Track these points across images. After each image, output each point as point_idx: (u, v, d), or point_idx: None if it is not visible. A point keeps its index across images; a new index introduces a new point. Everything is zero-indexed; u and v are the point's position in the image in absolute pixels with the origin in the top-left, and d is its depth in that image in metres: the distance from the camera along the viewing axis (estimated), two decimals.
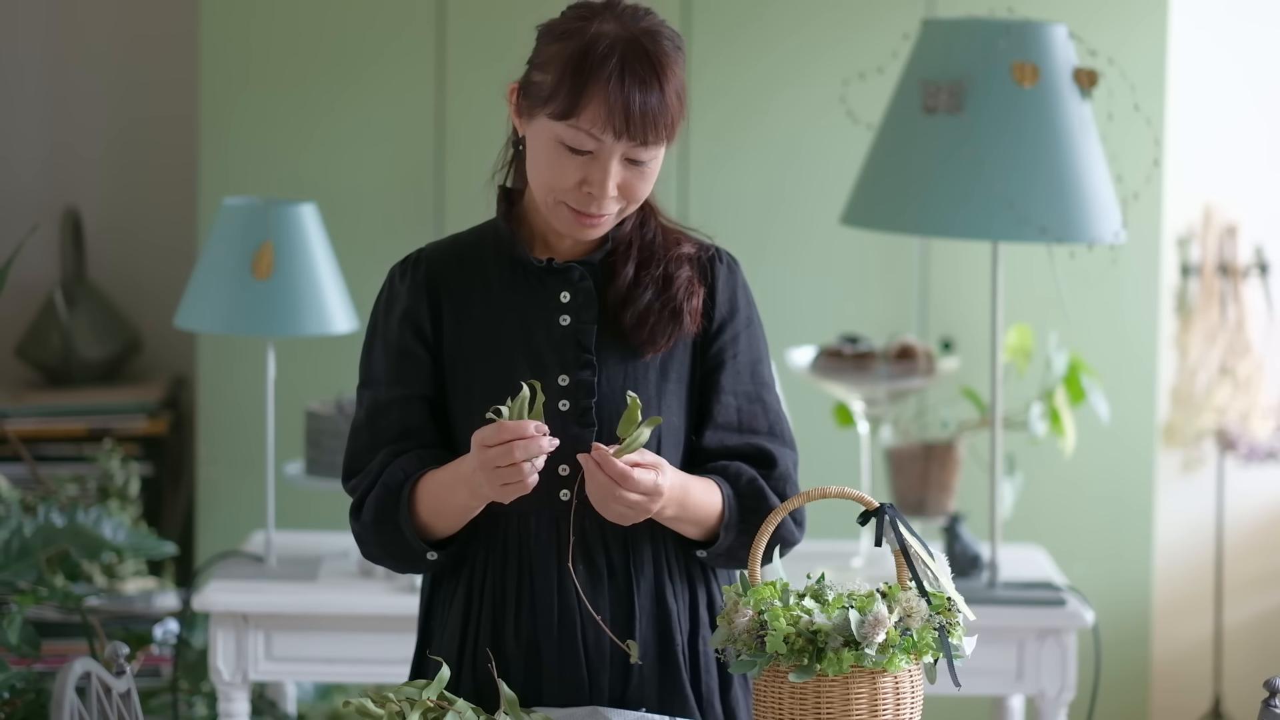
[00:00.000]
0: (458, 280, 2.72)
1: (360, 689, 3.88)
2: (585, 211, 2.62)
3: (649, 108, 2.57)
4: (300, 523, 4.69)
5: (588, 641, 2.67)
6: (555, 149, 2.60)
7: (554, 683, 2.66)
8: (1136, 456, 4.89)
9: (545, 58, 2.62)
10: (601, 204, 2.61)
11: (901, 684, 2.49)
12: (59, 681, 2.50)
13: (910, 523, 2.59)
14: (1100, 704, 4.55)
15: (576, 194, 2.61)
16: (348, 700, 2.59)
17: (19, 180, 5.33)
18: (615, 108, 2.56)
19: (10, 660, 3.98)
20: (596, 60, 2.57)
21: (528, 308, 2.69)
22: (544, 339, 2.68)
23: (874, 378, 4.16)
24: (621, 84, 2.56)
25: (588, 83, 2.56)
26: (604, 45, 2.57)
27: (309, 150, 4.87)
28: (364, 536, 2.71)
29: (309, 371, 4.82)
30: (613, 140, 2.58)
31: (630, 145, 2.59)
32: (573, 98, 2.57)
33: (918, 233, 4.07)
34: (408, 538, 2.66)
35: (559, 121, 2.58)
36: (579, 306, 2.69)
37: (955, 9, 4.77)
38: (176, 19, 5.27)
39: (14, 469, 4.79)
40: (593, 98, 2.56)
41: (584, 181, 2.60)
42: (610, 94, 2.56)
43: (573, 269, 2.69)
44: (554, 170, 2.61)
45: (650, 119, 2.58)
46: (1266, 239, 5.31)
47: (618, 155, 2.59)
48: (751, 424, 2.75)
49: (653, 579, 2.70)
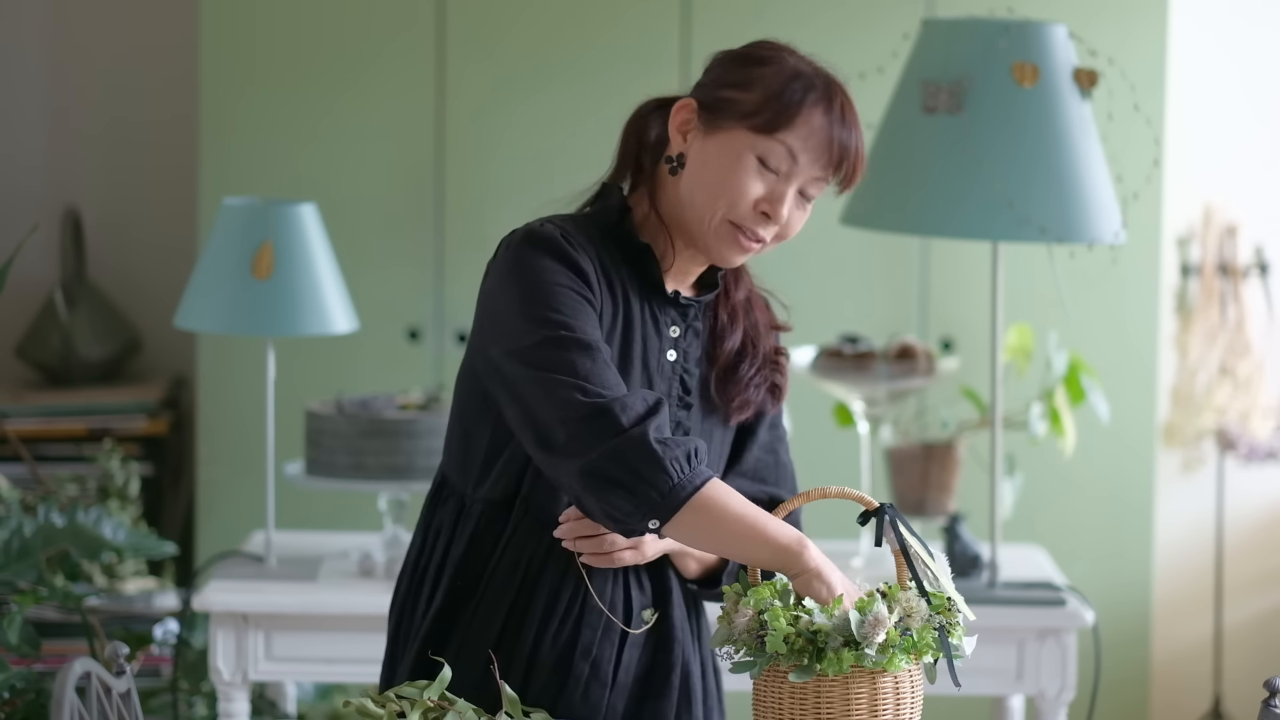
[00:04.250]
0: (599, 268, 2.65)
1: (360, 689, 3.88)
2: (751, 232, 2.62)
3: (850, 144, 2.63)
4: (300, 523, 4.69)
5: (619, 665, 2.68)
6: (746, 163, 2.60)
7: (573, 700, 2.67)
8: (1136, 456, 4.89)
9: (744, 78, 2.63)
10: (769, 228, 2.63)
11: (901, 684, 2.49)
12: (59, 681, 2.50)
13: (910, 523, 2.59)
14: (1100, 704, 4.55)
15: (751, 213, 2.62)
16: (348, 700, 2.58)
17: (19, 180, 5.33)
18: (824, 133, 2.60)
19: (10, 660, 3.98)
20: (809, 86, 2.61)
21: (648, 328, 2.68)
22: (656, 369, 2.68)
23: (874, 378, 4.16)
24: (831, 113, 2.61)
25: (803, 103, 2.60)
26: (811, 75, 2.62)
27: (309, 150, 4.87)
28: (635, 450, 2.48)
29: (309, 371, 4.82)
30: (808, 163, 2.61)
31: (815, 176, 2.62)
32: (787, 113, 2.59)
33: (918, 233, 4.07)
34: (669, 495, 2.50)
35: (762, 135, 2.59)
36: (686, 346, 2.70)
37: (955, 9, 4.77)
38: (177, 19, 5.27)
39: (14, 469, 4.79)
40: (806, 120, 2.60)
41: (764, 200, 2.61)
42: (823, 119, 2.60)
43: (690, 307, 2.70)
44: (738, 185, 2.61)
45: (850, 154, 2.63)
46: (1266, 239, 5.31)
47: (800, 182, 2.62)
48: (763, 474, 2.80)
49: (681, 603, 2.74)
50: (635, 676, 2.70)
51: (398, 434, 3.97)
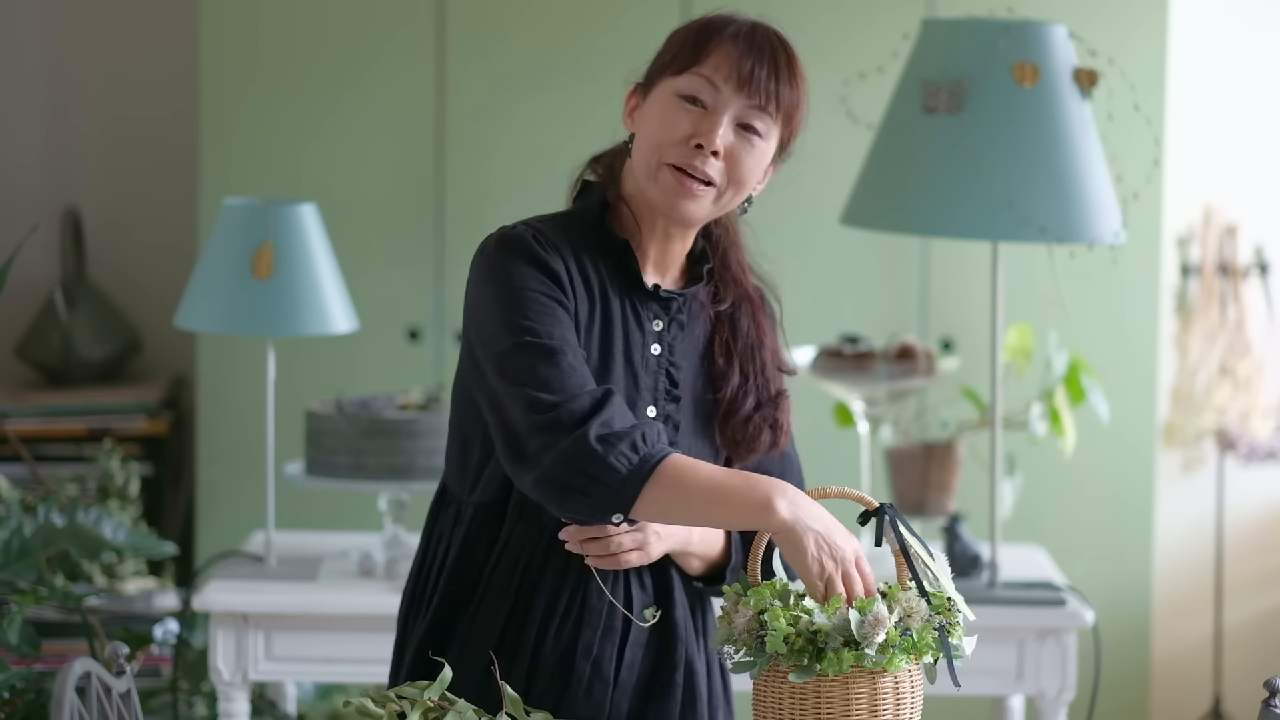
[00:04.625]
0: (577, 267, 2.66)
1: (360, 689, 3.88)
2: (692, 168, 2.61)
3: (774, 70, 2.62)
4: (300, 523, 4.69)
5: (621, 663, 2.68)
6: (671, 104, 2.62)
7: (576, 699, 2.67)
8: (1136, 456, 4.89)
9: (667, 43, 2.67)
10: (707, 160, 2.61)
11: (901, 684, 2.49)
12: (59, 681, 2.50)
13: (910, 523, 2.59)
14: (1100, 704, 4.55)
15: (685, 149, 2.61)
16: (348, 700, 2.58)
17: (19, 180, 5.33)
18: (742, 57, 2.61)
19: (10, 660, 3.98)
20: (725, 22, 2.64)
21: (629, 323, 2.69)
22: (640, 363, 2.68)
23: (874, 378, 4.16)
24: (750, 43, 2.62)
25: (713, 36, 2.62)
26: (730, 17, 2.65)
27: (309, 150, 4.87)
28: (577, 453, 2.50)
29: (309, 371, 4.82)
30: (731, 91, 2.61)
31: (747, 105, 2.61)
32: (697, 50, 2.62)
33: (917, 233, 4.07)
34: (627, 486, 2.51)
35: (680, 75, 2.62)
36: (671, 340, 2.70)
37: (955, 9, 4.77)
38: (177, 18, 5.27)
39: (14, 469, 4.79)
40: (717, 48, 2.61)
41: (694, 135, 2.61)
42: (737, 46, 2.61)
43: (672, 299, 2.70)
44: (666, 125, 2.62)
45: (773, 81, 2.62)
46: (1266, 239, 5.31)
47: (732, 110, 2.61)
48: (767, 468, 2.79)
49: (684, 603, 2.73)
50: (639, 676, 2.70)
51: (398, 434, 3.97)
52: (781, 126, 2.66)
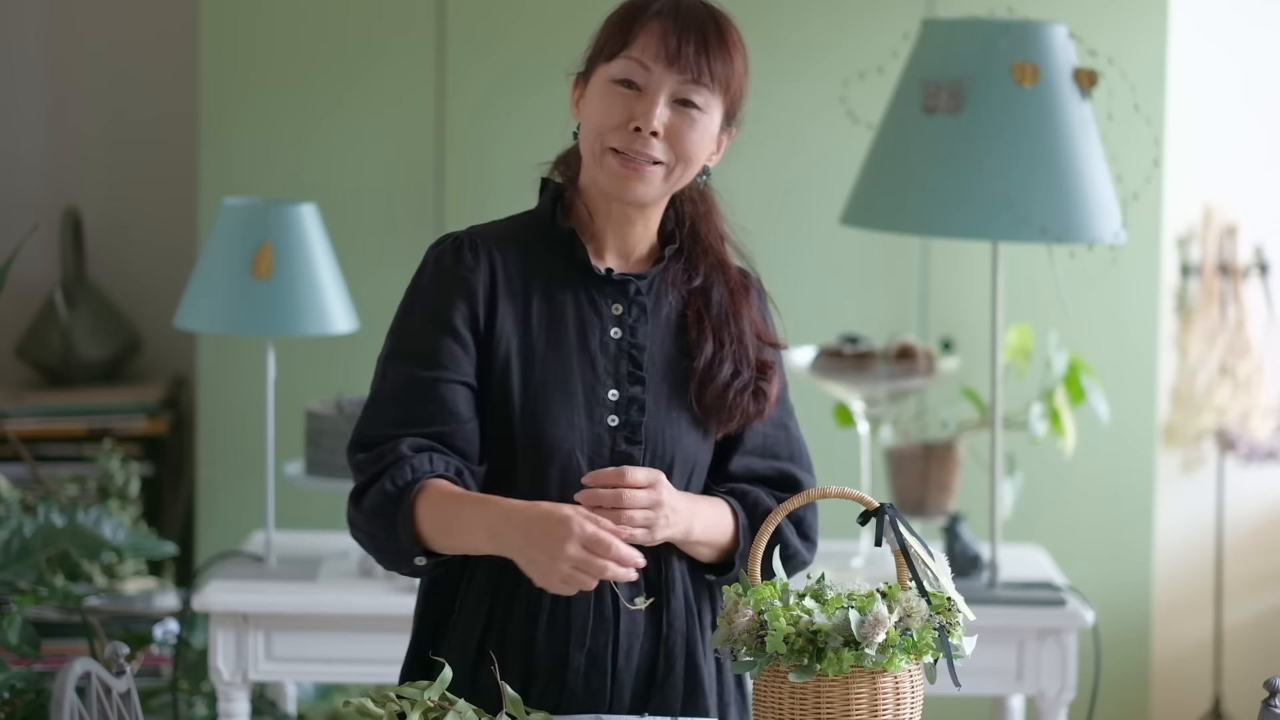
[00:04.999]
0: (515, 269, 2.69)
1: (360, 689, 3.88)
2: (634, 151, 2.61)
3: (703, 43, 2.61)
4: (300, 523, 4.69)
5: (618, 653, 2.68)
6: (607, 90, 2.63)
7: (576, 690, 2.67)
8: (1136, 456, 4.89)
9: (601, 28, 2.68)
10: (648, 142, 2.61)
11: (901, 684, 2.49)
12: (59, 681, 2.50)
13: (910, 523, 2.59)
14: (1100, 704, 4.55)
15: (624, 133, 2.62)
16: (348, 700, 2.58)
17: (19, 180, 5.33)
18: (668, 35, 2.60)
19: (10, 660, 3.98)
20: (649, 2, 2.64)
21: (583, 313, 2.69)
22: (598, 349, 2.68)
23: (874, 378, 4.16)
24: (675, 18, 2.62)
25: (638, 17, 2.63)
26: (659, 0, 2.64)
27: (309, 150, 4.87)
28: (357, 522, 2.64)
29: (309, 371, 4.82)
30: (662, 70, 2.61)
31: (680, 81, 2.61)
32: (625, 32, 2.62)
33: (918, 233, 4.07)
34: (401, 540, 2.60)
35: (612, 60, 2.62)
36: (633, 322, 2.70)
37: (955, 9, 4.77)
38: (177, 18, 5.27)
39: (14, 469, 4.79)
40: (644, 29, 2.62)
41: (631, 118, 2.62)
42: (663, 23, 2.61)
43: (629, 282, 2.70)
44: (604, 112, 2.63)
45: (703, 54, 2.61)
46: (1266, 239, 5.31)
47: (667, 89, 2.61)
48: (775, 449, 2.79)
49: (682, 594, 2.72)
50: (638, 666, 2.69)
51: None
52: (722, 96, 2.65)
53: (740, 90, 2.67)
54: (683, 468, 2.70)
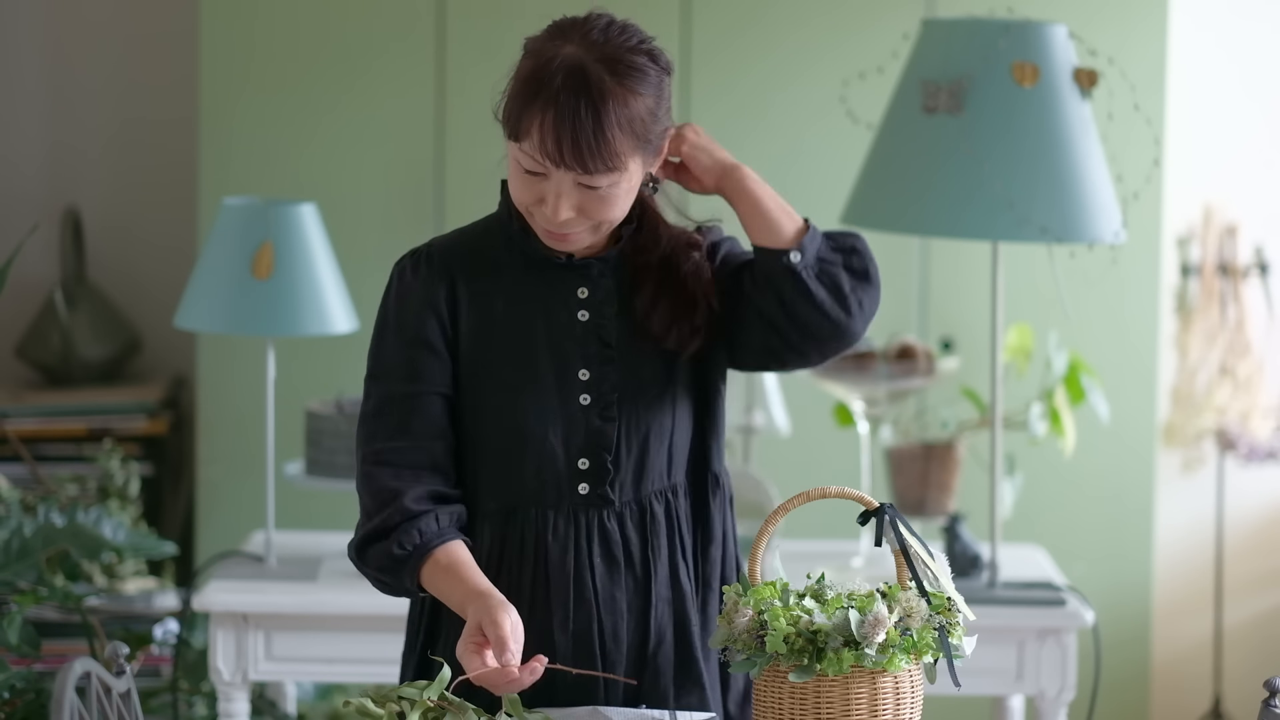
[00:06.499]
0: (474, 273, 2.73)
1: (360, 689, 3.88)
2: (555, 225, 2.64)
3: (582, 139, 2.56)
4: (300, 523, 4.69)
5: (604, 634, 2.69)
6: (515, 170, 2.64)
7: (567, 678, 2.67)
8: (1136, 456, 4.89)
9: (513, 73, 2.64)
10: (558, 225, 2.63)
11: (901, 684, 2.49)
12: (59, 681, 2.50)
13: (910, 523, 2.59)
14: (1100, 704, 4.55)
15: (540, 212, 2.64)
16: (348, 700, 2.58)
17: (19, 180, 5.33)
18: (548, 137, 2.57)
19: (10, 660, 3.98)
20: (540, 85, 2.57)
21: (547, 302, 2.72)
22: (564, 333, 2.71)
23: (874, 378, 4.16)
24: (557, 114, 2.56)
25: (527, 108, 2.58)
26: (551, 70, 2.58)
27: (309, 150, 4.87)
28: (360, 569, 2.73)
29: (309, 371, 4.82)
30: (553, 168, 2.59)
31: (576, 174, 2.59)
32: (516, 122, 2.60)
33: (918, 233, 4.07)
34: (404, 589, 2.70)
35: (513, 141, 2.62)
36: (599, 302, 2.72)
37: (955, 9, 4.77)
38: (176, 19, 5.27)
39: (14, 469, 4.79)
40: (531, 125, 2.58)
41: (541, 201, 2.63)
42: (545, 124, 2.57)
43: (591, 264, 2.72)
44: (519, 188, 2.64)
45: (587, 150, 2.56)
46: (1266, 239, 5.31)
47: (567, 181, 2.60)
48: (737, 251, 2.83)
49: (668, 567, 2.73)
50: (628, 648, 2.71)
51: None
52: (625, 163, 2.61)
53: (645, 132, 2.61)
54: (658, 438, 2.73)
